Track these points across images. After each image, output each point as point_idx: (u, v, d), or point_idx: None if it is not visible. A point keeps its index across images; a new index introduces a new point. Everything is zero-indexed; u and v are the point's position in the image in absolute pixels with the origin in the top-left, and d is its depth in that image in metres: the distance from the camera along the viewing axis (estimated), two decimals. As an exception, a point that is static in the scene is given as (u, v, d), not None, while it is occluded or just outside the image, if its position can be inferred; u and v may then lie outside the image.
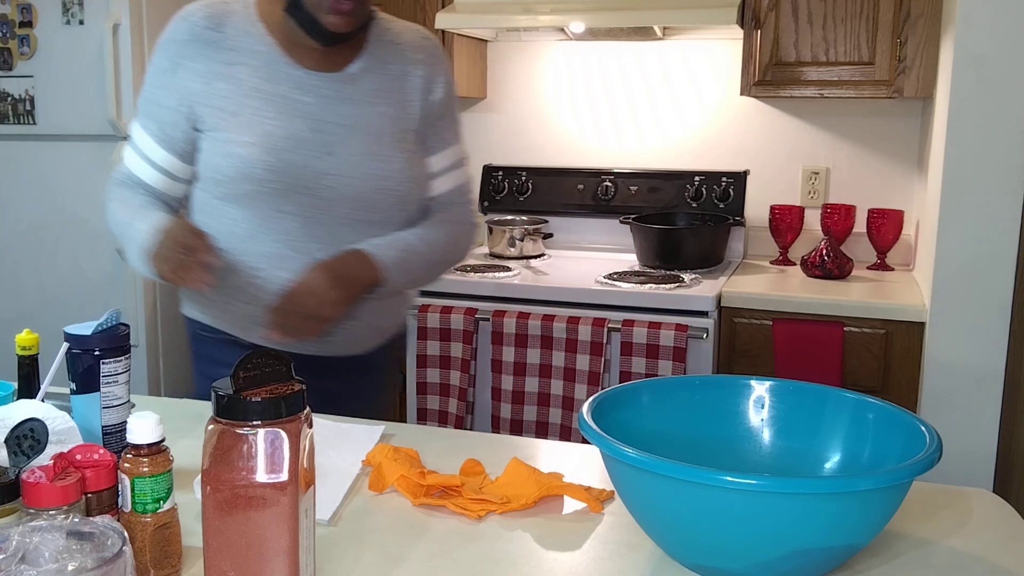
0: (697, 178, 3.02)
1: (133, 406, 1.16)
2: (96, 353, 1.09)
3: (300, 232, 1.47)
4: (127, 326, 1.13)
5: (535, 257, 3.00)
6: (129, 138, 1.54)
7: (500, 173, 3.21)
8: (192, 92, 1.46)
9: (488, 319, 2.55)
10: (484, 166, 3.22)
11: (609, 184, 3.09)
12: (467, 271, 2.72)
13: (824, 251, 2.70)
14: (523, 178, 3.18)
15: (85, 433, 1.08)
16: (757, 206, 3.06)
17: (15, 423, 0.90)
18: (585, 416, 0.99)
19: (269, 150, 1.43)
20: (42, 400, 1.14)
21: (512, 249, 2.98)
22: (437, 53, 1.59)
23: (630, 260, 2.94)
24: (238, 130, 1.44)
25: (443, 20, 2.74)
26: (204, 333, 1.60)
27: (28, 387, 1.20)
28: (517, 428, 2.55)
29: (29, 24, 2.89)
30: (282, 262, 1.47)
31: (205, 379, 1.62)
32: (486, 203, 3.19)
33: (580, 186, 3.12)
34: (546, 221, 3.10)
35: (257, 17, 1.48)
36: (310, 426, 0.84)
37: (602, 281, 2.61)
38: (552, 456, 1.28)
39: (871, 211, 2.82)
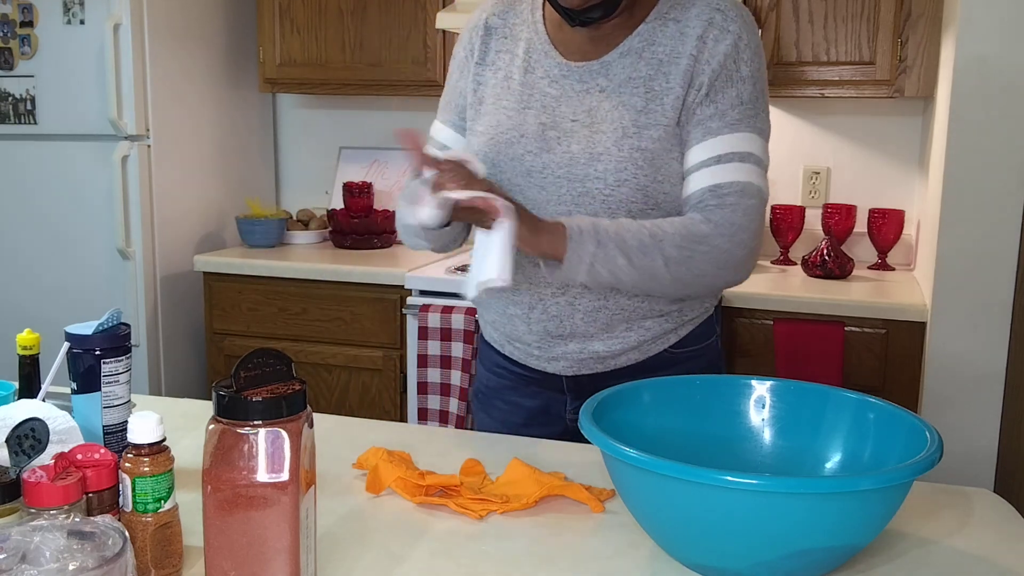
0: (698, 178, 3.01)
1: (134, 406, 1.16)
2: (97, 353, 1.09)
3: None
4: (128, 326, 1.13)
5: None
6: (429, 138, 1.53)
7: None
8: (467, 82, 1.48)
9: (489, 319, 2.55)
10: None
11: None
12: (468, 270, 2.72)
13: (825, 251, 2.70)
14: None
15: (86, 433, 1.08)
16: (758, 206, 3.06)
17: (16, 423, 0.90)
18: (586, 416, 0.99)
19: (491, 141, 1.40)
20: (43, 400, 1.14)
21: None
22: (724, 27, 1.34)
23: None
24: (478, 119, 1.44)
25: (443, 20, 2.74)
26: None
27: (29, 387, 1.20)
28: (518, 428, 2.55)
29: (30, 24, 2.89)
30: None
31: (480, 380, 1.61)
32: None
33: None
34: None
35: (540, 4, 1.45)
36: (311, 426, 0.84)
37: (603, 281, 2.60)
38: (553, 456, 1.28)
39: (872, 211, 2.82)
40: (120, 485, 0.90)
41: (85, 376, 1.10)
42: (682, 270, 1.30)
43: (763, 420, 1.13)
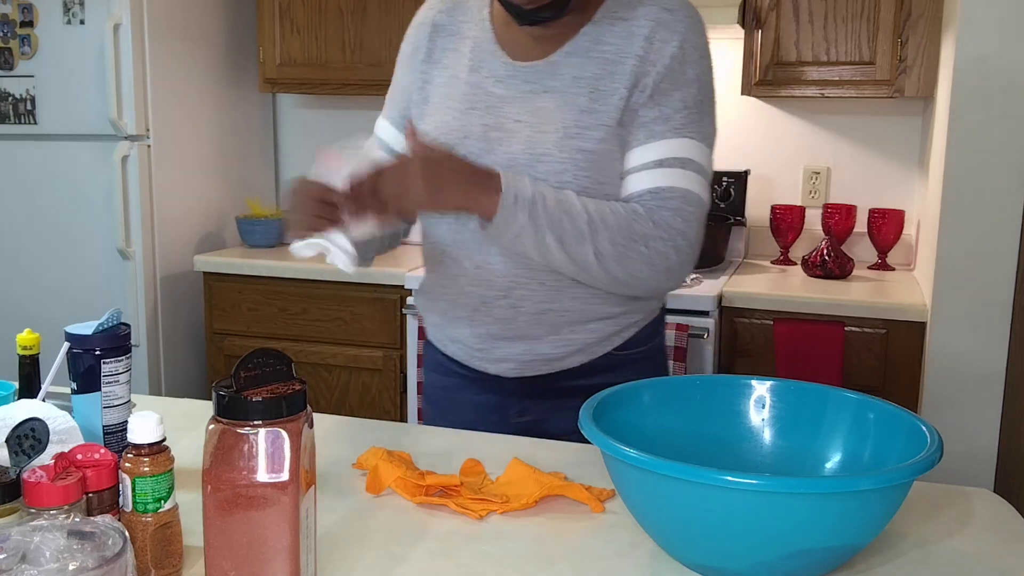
0: (698, 178, 3.01)
1: (134, 406, 1.16)
2: (97, 353, 1.09)
3: (464, 227, 1.37)
4: (128, 326, 1.13)
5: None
6: (374, 135, 1.52)
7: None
8: (413, 78, 1.46)
9: (489, 319, 2.55)
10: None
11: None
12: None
13: (825, 251, 2.70)
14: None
15: (86, 433, 1.08)
16: (758, 206, 3.06)
17: (16, 423, 0.90)
18: (586, 415, 0.99)
19: (435, 142, 1.36)
20: (43, 400, 1.14)
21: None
22: (672, 28, 1.32)
23: (631, 260, 2.94)
24: (424, 118, 1.42)
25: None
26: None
27: (29, 387, 1.20)
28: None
29: (30, 24, 2.89)
30: (461, 249, 1.39)
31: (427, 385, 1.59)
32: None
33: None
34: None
35: (488, 2, 1.43)
36: (311, 426, 0.84)
37: (603, 281, 2.60)
38: (553, 456, 1.28)
39: (872, 211, 2.82)
40: (120, 485, 0.90)
41: (85, 376, 1.10)
42: (613, 265, 1.29)
43: (763, 420, 1.13)
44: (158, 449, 0.89)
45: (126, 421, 1.00)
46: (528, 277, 1.36)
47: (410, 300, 2.68)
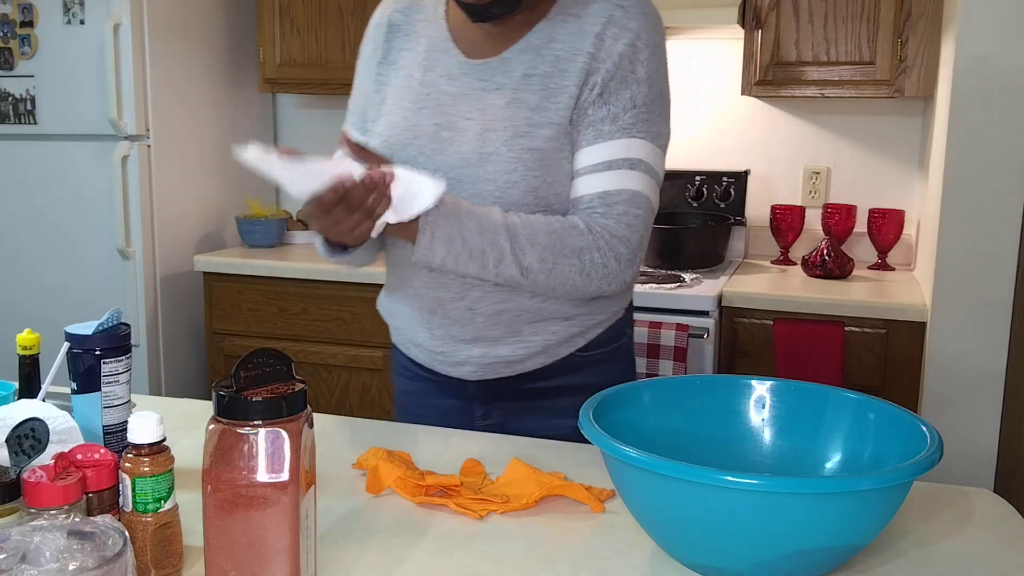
0: (698, 178, 3.02)
1: (134, 406, 1.16)
2: (97, 353, 1.09)
3: None
4: (128, 326, 1.13)
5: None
6: None
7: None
8: (370, 80, 1.44)
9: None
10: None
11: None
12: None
13: (825, 251, 2.70)
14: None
15: (86, 433, 1.08)
16: (758, 206, 3.06)
17: (16, 423, 0.90)
18: (586, 415, 0.99)
19: (385, 143, 1.36)
20: (43, 400, 1.14)
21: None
22: (623, 25, 1.29)
23: (631, 260, 2.94)
24: (378, 119, 1.40)
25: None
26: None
27: (29, 387, 1.20)
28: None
29: (30, 24, 2.89)
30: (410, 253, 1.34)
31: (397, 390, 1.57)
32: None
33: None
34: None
35: (444, 0, 1.41)
36: (311, 426, 0.84)
37: (603, 281, 2.60)
38: (553, 456, 1.28)
39: (872, 211, 2.83)
40: (120, 485, 0.90)
41: (85, 376, 1.10)
42: (542, 279, 1.28)
43: (763, 420, 1.13)
44: (158, 449, 0.89)
45: (126, 421, 1.00)
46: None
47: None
